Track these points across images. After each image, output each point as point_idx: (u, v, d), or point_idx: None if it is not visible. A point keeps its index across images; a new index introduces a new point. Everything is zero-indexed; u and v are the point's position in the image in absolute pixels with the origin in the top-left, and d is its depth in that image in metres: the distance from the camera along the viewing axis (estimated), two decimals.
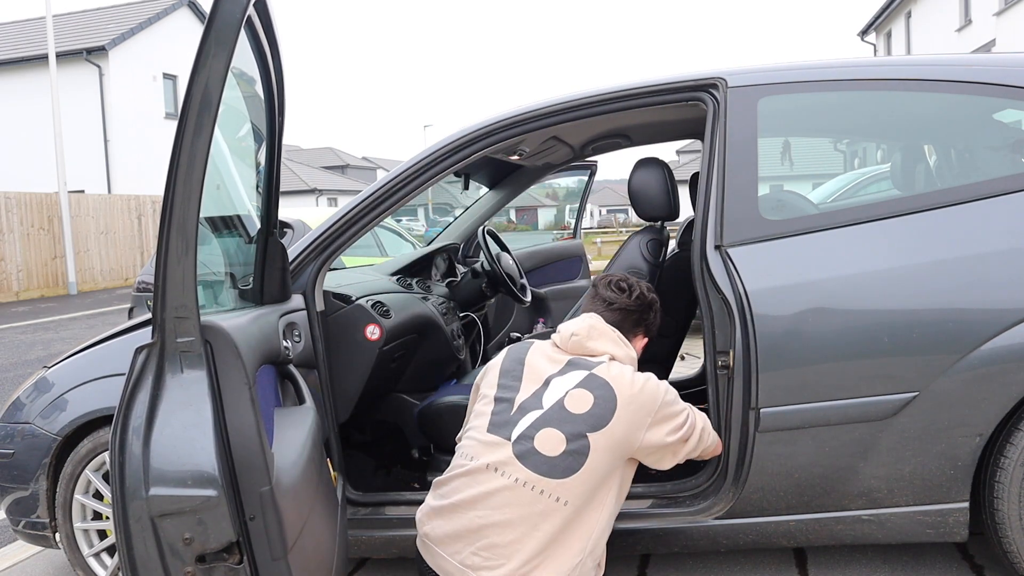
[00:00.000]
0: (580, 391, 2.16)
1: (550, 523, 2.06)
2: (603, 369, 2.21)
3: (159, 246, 1.76)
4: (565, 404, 2.14)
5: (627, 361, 2.30)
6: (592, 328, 2.31)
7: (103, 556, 2.73)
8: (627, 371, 2.23)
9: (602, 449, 2.10)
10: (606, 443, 2.11)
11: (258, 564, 1.82)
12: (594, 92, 2.62)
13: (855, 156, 7.89)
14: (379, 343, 2.75)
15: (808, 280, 2.32)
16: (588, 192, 6.24)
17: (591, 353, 2.28)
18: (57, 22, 21.70)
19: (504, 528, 2.05)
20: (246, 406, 1.80)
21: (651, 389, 2.19)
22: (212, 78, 1.73)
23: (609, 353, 2.28)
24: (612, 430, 2.11)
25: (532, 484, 2.07)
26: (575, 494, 2.08)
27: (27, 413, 2.73)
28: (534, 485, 2.06)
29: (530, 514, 2.05)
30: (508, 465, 2.09)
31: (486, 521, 2.07)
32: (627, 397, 2.15)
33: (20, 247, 15.97)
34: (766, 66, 2.56)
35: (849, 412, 2.27)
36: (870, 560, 2.65)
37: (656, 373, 3.44)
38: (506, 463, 2.10)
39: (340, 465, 2.62)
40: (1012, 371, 2.20)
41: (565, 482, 2.07)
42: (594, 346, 2.28)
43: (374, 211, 2.62)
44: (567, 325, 2.34)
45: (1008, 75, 2.40)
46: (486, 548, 2.06)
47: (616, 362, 2.27)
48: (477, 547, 2.07)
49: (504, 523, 2.05)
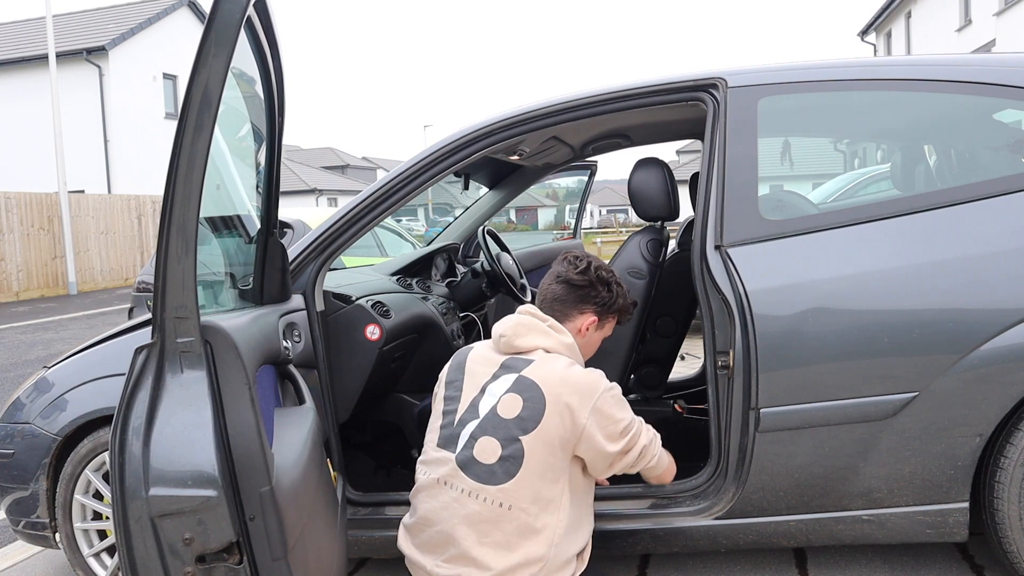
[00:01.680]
0: (510, 396, 2.14)
1: (501, 530, 2.08)
2: (532, 369, 2.16)
3: (159, 246, 1.76)
4: (498, 410, 2.13)
5: (560, 349, 2.23)
6: (518, 325, 2.25)
7: (103, 556, 2.73)
8: (557, 365, 2.17)
9: (538, 451, 2.09)
10: (541, 444, 2.09)
11: (258, 564, 1.82)
12: (594, 92, 2.62)
13: (855, 156, 7.89)
14: (379, 343, 2.75)
15: (808, 280, 2.32)
16: (588, 192, 6.24)
17: (521, 351, 2.23)
18: (57, 22, 21.69)
19: (461, 539, 2.10)
20: (246, 406, 1.80)
21: (579, 379, 2.14)
22: (212, 78, 1.73)
23: (540, 347, 2.22)
24: (544, 430, 2.09)
25: (476, 493, 2.10)
26: (518, 498, 2.08)
27: (27, 413, 2.73)
28: (478, 494, 2.10)
29: (479, 522, 2.09)
30: (454, 477, 2.13)
31: (445, 533, 2.13)
32: (554, 395, 2.11)
33: (20, 247, 15.97)
34: (766, 66, 2.56)
35: (849, 412, 2.27)
36: (870, 560, 2.65)
37: (656, 373, 3.47)
38: (453, 476, 2.14)
39: (340, 465, 2.62)
40: (1012, 371, 2.20)
41: (505, 488, 2.08)
42: (522, 343, 2.22)
43: (374, 211, 2.62)
44: (497, 325, 2.28)
45: (1008, 75, 2.40)
46: (450, 560, 2.12)
47: (550, 355, 2.20)
48: (442, 560, 2.14)
49: (460, 534, 2.10)
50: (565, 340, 2.26)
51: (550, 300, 2.33)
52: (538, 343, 2.23)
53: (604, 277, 2.35)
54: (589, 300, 2.32)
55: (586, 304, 2.32)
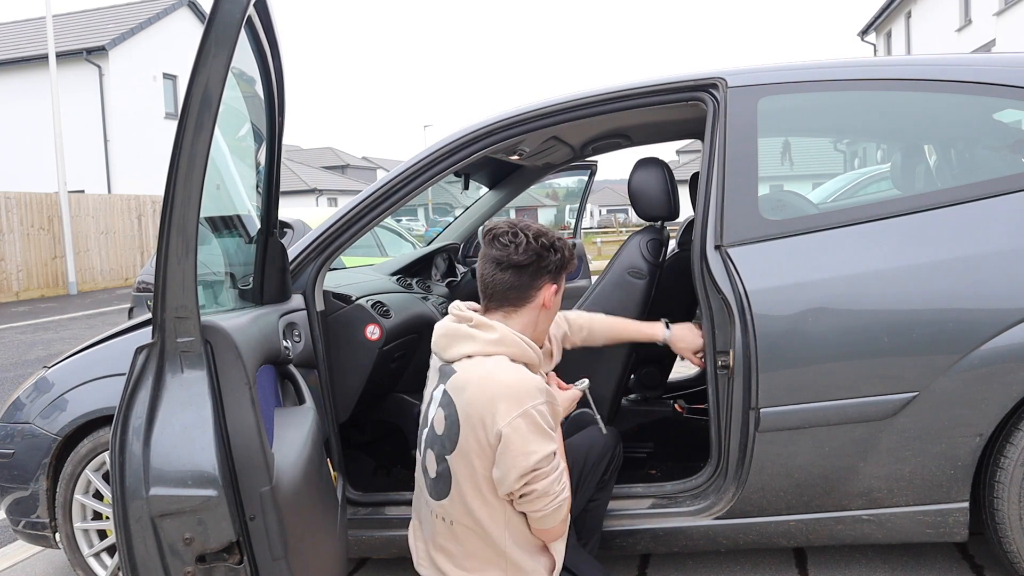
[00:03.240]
0: (438, 410, 2.08)
1: (454, 543, 2.11)
2: (452, 382, 2.04)
3: (159, 246, 1.76)
4: (434, 424, 2.10)
5: (488, 348, 2.04)
6: (442, 337, 2.11)
7: (103, 556, 2.73)
8: (473, 376, 2.00)
9: (461, 470, 2.03)
10: (462, 463, 2.02)
11: (258, 564, 1.82)
12: (594, 92, 2.62)
13: (855, 156, 7.89)
14: (379, 343, 2.75)
15: (808, 280, 2.32)
16: (588, 192, 6.25)
17: (451, 361, 2.09)
18: (57, 22, 21.68)
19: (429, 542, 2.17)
20: (246, 406, 1.80)
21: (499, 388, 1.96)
22: (212, 78, 1.73)
23: (464, 355, 2.05)
24: (461, 450, 2.01)
25: (430, 503, 2.14)
26: (457, 514, 2.08)
27: (27, 413, 2.73)
28: (431, 506, 2.14)
29: (436, 533, 2.14)
30: (420, 485, 2.19)
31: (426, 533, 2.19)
32: (466, 411, 1.98)
33: (20, 247, 15.97)
34: (766, 66, 2.57)
35: (849, 412, 2.27)
36: (870, 560, 2.65)
37: (656, 373, 3.47)
38: (421, 481, 2.18)
39: (340, 465, 2.62)
40: (1012, 371, 2.20)
41: (443, 504, 2.09)
42: (451, 355, 2.08)
43: (374, 211, 2.62)
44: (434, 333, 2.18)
45: (1008, 75, 2.40)
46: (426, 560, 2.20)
47: (472, 360, 2.03)
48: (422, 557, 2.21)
49: (429, 537, 2.17)
50: (490, 337, 2.05)
51: (502, 290, 2.09)
52: (463, 351, 2.06)
53: (545, 242, 2.10)
54: (542, 272, 2.10)
55: (541, 277, 2.11)
